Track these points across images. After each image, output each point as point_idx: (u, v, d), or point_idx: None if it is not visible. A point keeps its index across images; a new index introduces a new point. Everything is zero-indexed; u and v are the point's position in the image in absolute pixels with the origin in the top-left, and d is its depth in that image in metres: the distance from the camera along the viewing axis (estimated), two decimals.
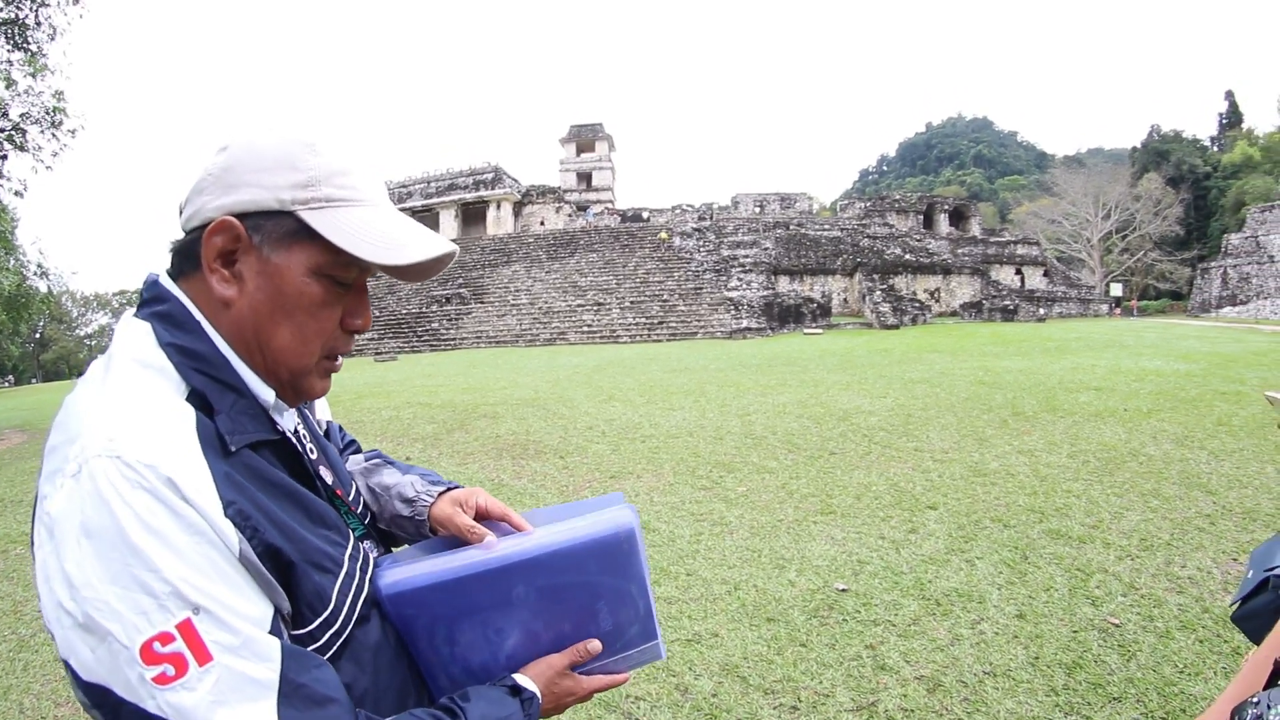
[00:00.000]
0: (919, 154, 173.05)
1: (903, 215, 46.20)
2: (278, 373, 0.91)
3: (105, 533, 0.68)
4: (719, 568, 4.49)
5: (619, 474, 6.91)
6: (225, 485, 0.77)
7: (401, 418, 11.03)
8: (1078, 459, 6.00)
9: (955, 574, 4.05)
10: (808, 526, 5.07)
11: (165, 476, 0.71)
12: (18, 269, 22.97)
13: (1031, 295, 36.95)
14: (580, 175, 57.90)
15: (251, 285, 0.86)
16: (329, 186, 0.87)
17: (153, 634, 0.67)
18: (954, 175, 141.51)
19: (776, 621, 3.70)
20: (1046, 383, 9.92)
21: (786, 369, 14.80)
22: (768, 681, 3.15)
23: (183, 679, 0.68)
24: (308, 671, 0.77)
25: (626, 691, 3.19)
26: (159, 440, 0.74)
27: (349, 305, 0.94)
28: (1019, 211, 75.88)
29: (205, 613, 0.70)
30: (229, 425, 0.83)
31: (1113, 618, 3.41)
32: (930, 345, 18.98)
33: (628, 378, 14.87)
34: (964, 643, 3.29)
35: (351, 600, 0.91)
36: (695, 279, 35.35)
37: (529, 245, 42.98)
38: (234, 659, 0.71)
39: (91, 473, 0.70)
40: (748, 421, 8.93)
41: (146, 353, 0.83)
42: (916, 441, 7.19)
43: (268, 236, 0.85)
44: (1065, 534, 4.47)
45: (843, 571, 4.24)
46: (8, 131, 13.87)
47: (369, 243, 0.87)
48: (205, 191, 0.86)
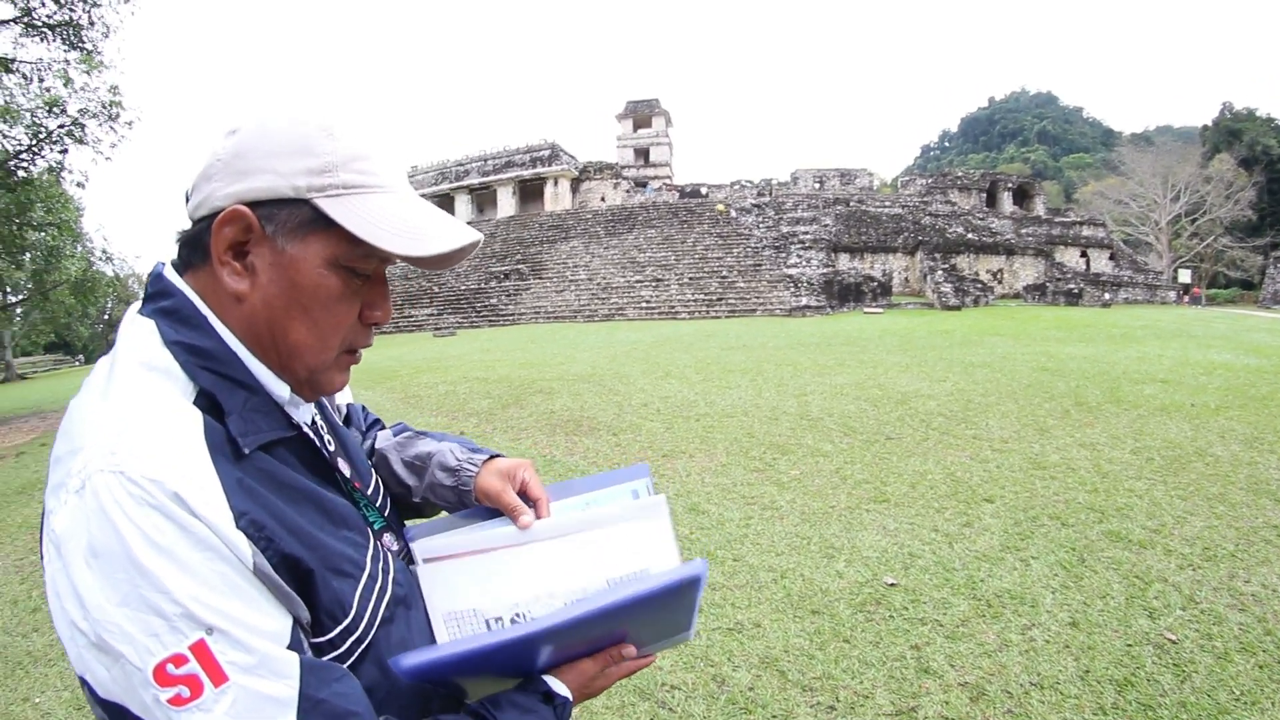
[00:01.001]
0: (981, 129, 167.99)
1: (965, 193, 44.67)
2: (294, 369, 0.86)
3: (112, 553, 0.65)
4: (766, 554, 4.42)
5: (671, 453, 6.87)
6: (236, 494, 0.73)
7: (458, 393, 11.18)
8: (1141, 456, 5.73)
9: (1009, 574, 3.89)
10: (860, 515, 4.96)
11: (171, 491, 0.67)
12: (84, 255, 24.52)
13: (1097, 279, 35.48)
14: (637, 151, 57.53)
15: (264, 278, 0.80)
16: (346, 172, 0.81)
17: (165, 656, 0.65)
18: (1017, 152, 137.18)
19: (821, 614, 3.62)
20: (1111, 372, 9.54)
21: (845, 349, 14.55)
22: (807, 678, 3.08)
23: (198, 700, 0.65)
24: (328, 686, 0.73)
25: (662, 680, 3.16)
26: (164, 452, 0.69)
27: (368, 297, 0.88)
28: (1084, 191, 72.84)
29: (219, 632, 0.67)
30: (241, 426, 0.78)
31: (1170, 633, 3.21)
32: (992, 328, 18.45)
33: (685, 354, 14.80)
34: (1012, 649, 3.15)
35: (374, 604, 0.88)
36: (754, 255, 34.92)
37: (587, 221, 42.97)
38: (251, 678, 0.68)
39: (95, 489, 0.66)
40: (804, 402, 8.80)
41: (150, 353, 0.78)
42: (975, 429, 6.98)
43: (282, 226, 0.79)
44: (1125, 537, 4.25)
45: (893, 565, 4.13)
46: (67, 127, 14.38)
47: (391, 232, 0.81)
48: (214, 178, 0.80)
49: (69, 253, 21.45)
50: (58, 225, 17.39)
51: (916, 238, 34.75)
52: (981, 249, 34.62)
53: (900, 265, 34.84)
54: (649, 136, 57.78)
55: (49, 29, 14.46)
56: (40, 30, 14.46)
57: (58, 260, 20.05)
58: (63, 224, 17.77)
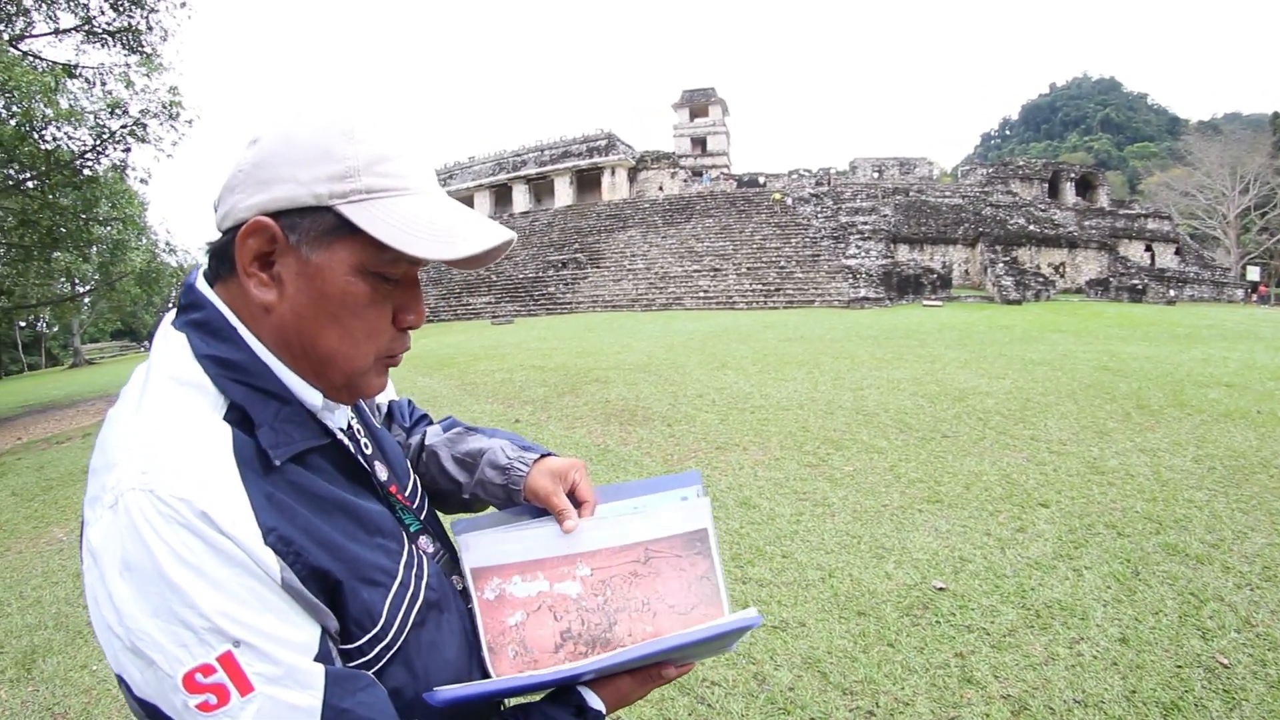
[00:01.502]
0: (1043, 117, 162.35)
1: (1026, 183, 43.30)
2: (329, 376, 0.85)
3: (143, 568, 0.67)
4: (815, 552, 4.40)
5: (725, 445, 6.87)
6: (265, 510, 0.74)
7: (514, 380, 11.31)
8: (1203, 464, 5.50)
9: (1060, 583, 3.80)
10: (912, 515, 4.90)
11: (200, 510, 0.68)
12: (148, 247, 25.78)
13: (1161, 275, 34.07)
14: (694, 140, 57.02)
15: (292, 288, 0.79)
16: (370, 176, 0.79)
17: (194, 666, 0.67)
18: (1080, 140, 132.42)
19: (867, 616, 3.59)
20: (1174, 374, 9.17)
21: (903, 342, 14.29)
22: (848, 681, 3.06)
23: (225, 708, 0.67)
24: (352, 695, 0.75)
25: (702, 676, 3.18)
26: (193, 471, 0.71)
27: (399, 301, 0.87)
28: (1149, 182, 69.37)
29: (246, 645, 0.69)
30: (272, 438, 0.79)
31: (1222, 656, 3.07)
32: (1053, 324, 17.91)
33: (742, 345, 14.72)
34: (1059, 663, 3.08)
35: (405, 611, 0.88)
36: (813, 246, 34.48)
37: (644, 210, 42.89)
38: (276, 689, 0.70)
39: (127, 507, 0.68)
40: (860, 396, 8.69)
41: (182, 368, 0.79)
42: (1033, 429, 6.80)
43: (306, 235, 0.78)
44: (1182, 550, 4.09)
45: (943, 568, 4.07)
46: (130, 127, 14.86)
47: (418, 236, 0.79)
48: (237, 189, 0.79)
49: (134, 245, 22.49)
50: (123, 220, 18.09)
51: (977, 229, 33.90)
52: (1043, 241, 33.62)
53: (960, 257, 34.02)
54: (705, 126, 57.24)
55: (109, 35, 15.21)
56: (100, 37, 15.22)
57: (123, 253, 20.91)
58: (127, 218, 18.49)
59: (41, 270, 19.08)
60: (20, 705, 3.43)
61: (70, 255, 19.29)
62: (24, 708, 3.41)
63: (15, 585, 4.98)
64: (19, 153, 12.35)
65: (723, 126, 57.06)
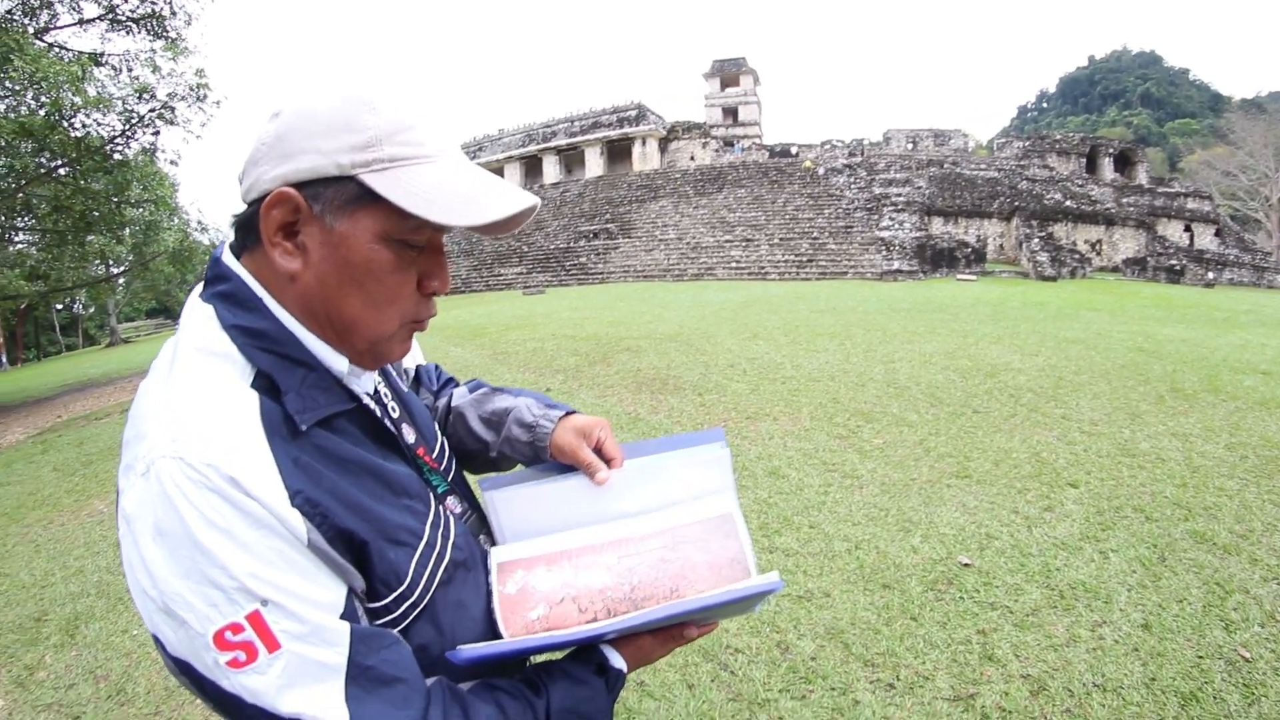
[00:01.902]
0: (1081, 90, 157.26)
1: (1063, 157, 41.84)
2: (355, 343, 0.86)
3: (175, 533, 0.69)
4: (843, 524, 4.42)
5: (755, 415, 6.88)
6: (292, 473, 0.75)
7: (545, 350, 11.34)
8: (1236, 452, 5.37)
9: (1086, 565, 3.77)
10: (940, 489, 4.89)
11: (228, 475, 0.70)
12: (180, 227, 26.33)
13: (1200, 256, 32.76)
14: (725, 110, 56.18)
15: (316, 256, 0.80)
16: (391, 145, 0.79)
17: (223, 624, 0.69)
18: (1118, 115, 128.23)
19: (891, 589, 3.62)
20: (1210, 358, 8.94)
21: (936, 316, 14.08)
22: (870, 653, 3.09)
23: (254, 664, 0.70)
24: (377, 653, 0.77)
25: (726, 643, 3.23)
26: (221, 437, 0.73)
27: (424, 267, 0.87)
28: (1190, 160, 66.92)
29: (273, 604, 0.71)
30: (298, 404, 0.80)
31: (1244, 649, 3.01)
32: (1089, 302, 17.51)
33: (773, 316, 14.61)
34: (1080, 645, 3.07)
35: (431, 571, 0.90)
36: (846, 217, 33.92)
37: (675, 181, 42.35)
38: (302, 646, 0.72)
39: (158, 474, 0.70)
40: (891, 369, 8.62)
41: (209, 339, 0.81)
42: (1065, 408, 6.70)
43: (329, 204, 0.79)
44: (1210, 539, 4.02)
45: (969, 544, 4.07)
46: (157, 110, 15.07)
47: (440, 203, 0.79)
48: (260, 162, 0.80)
49: (166, 225, 23.18)
50: (154, 201, 18.45)
51: (1012, 203, 33.09)
52: (1080, 217, 32.71)
53: (995, 231, 33.29)
54: (737, 95, 56.34)
55: (133, 22, 15.20)
56: (125, 24, 15.22)
57: (156, 233, 21.55)
58: (159, 200, 18.82)
59: (76, 254, 19.41)
60: (64, 669, 3.58)
61: (104, 238, 19.71)
62: (68, 671, 3.55)
63: (59, 556, 5.16)
64: (50, 141, 12.61)
65: (754, 96, 56.13)
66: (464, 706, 0.83)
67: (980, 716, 2.66)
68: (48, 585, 4.65)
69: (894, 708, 2.75)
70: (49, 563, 5.05)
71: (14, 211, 16.84)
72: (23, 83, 11.81)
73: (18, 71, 11.60)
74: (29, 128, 11.86)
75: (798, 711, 2.76)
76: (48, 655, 3.74)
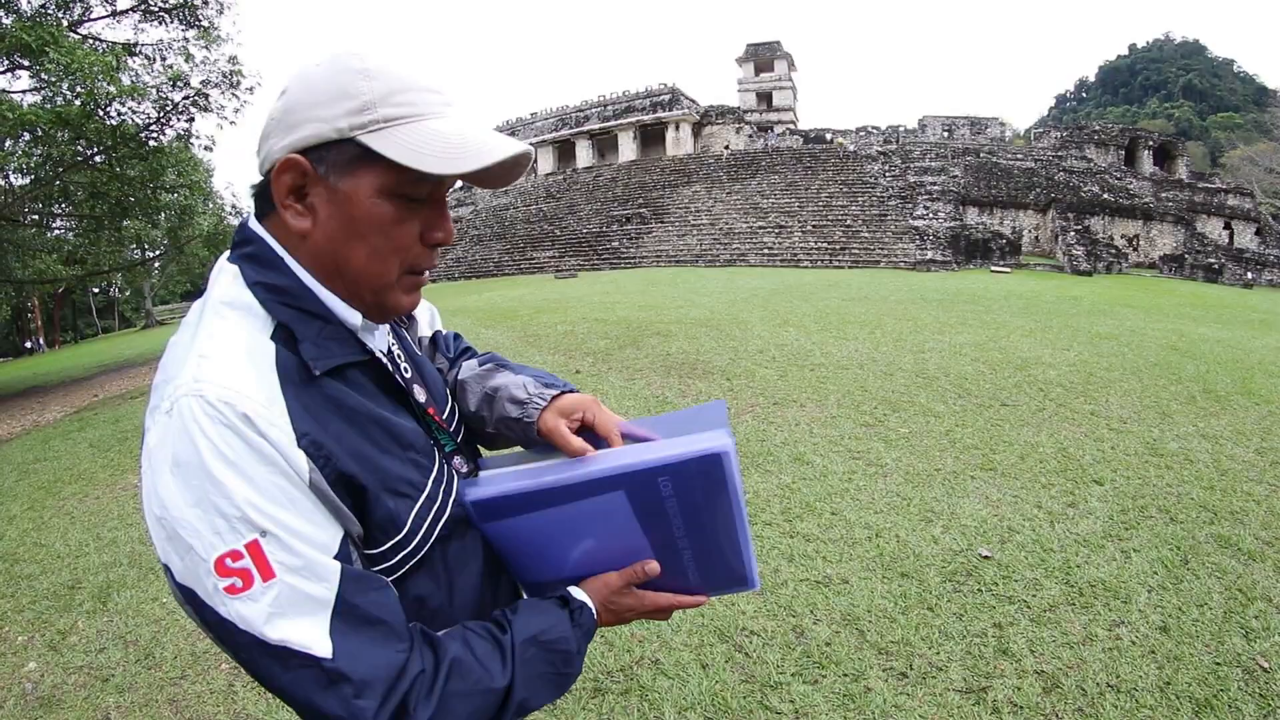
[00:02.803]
0: (1121, 80, 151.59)
1: (1102, 149, 40.49)
2: (361, 294, 0.91)
3: (189, 463, 0.74)
4: (864, 511, 4.40)
5: (782, 401, 6.85)
6: (301, 417, 0.81)
7: (576, 333, 11.36)
8: (1266, 457, 5.22)
9: (1107, 563, 3.70)
10: (964, 481, 4.84)
11: (241, 412, 0.75)
12: (215, 211, 26.70)
13: (1240, 255, 31.80)
14: (759, 95, 55.40)
15: (324, 214, 0.86)
16: (386, 107, 0.84)
17: (225, 550, 0.74)
18: (1159, 107, 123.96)
19: (910, 578, 3.59)
20: (1246, 360, 8.70)
21: (968, 307, 13.88)
22: (885, 641, 3.08)
23: (249, 591, 0.74)
24: (365, 594, 0.81)
25: (743, 625, 3.23)
26: (238, 379, 0.78)
27: (426, 219, 0.92)
28: (1232, 155, 64.35)
29: (271, 536, 0.75)
30: (314, 352, 0.86)
31: (1263, 659, 2.91)
32: (1123, 299, 17.13)
33: (805, 303, 14.50)
34: (1096, 644, 3.01)
35: (430, 523, 0.94)
36: (879, 205, 33.45)
37: (709, 166, 41.86)
38: (295, 578, 0.76)
39: (180, 410, 0.76)
40: (921, 359, 8.52)
41: (235, 293, 0.87)
42: (1094, 404, 6.58)
43: (332, 166, 0.85)
44: (1235, 544, 3.90)
45: (990, 537, 4.02)
46: (191, 98, 15.12)
47: (431, 155, 0.84)
48: (271, 136, 0.87)
49: (200, 210, 23.22)
50: (189, 186, 18.56)
51: (1049, 194, 32.43)
52: (1117, 211, 31.97)
53: (1030, 223, 32.68)
54: (771, 80, 55.50)
55: (165, 13, 15.36)
56: (157, 15, 15.39)
57: (191, 217, 21.47)
58: (194, 185, 18.98)
59: (112, 239, 19.58)
60: (96, 634, 3.70)
61: (139, 223, 19.86)
62: (99, 636, 3.67)
63: (94, 528, 5.28)
64: (86, 129, 12.69)
65: (788, 81, 55.31)
66: (434, 647, 0.86)
67: (991, 710, 2.63)
68: (82, 555, 4.78)
69: (905, 697, 2.73)
70: (84, 534, 5.18)
71: (52, 199, 17.12)
72: (58, 74, 11.95)
73: (53, 64, 11.77)
74: (65, 117, 11.98)
75: (809, 696, 2.76)
76: (80, 621, 3.86)
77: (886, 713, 2.65)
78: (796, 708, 2.70)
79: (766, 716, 2.66)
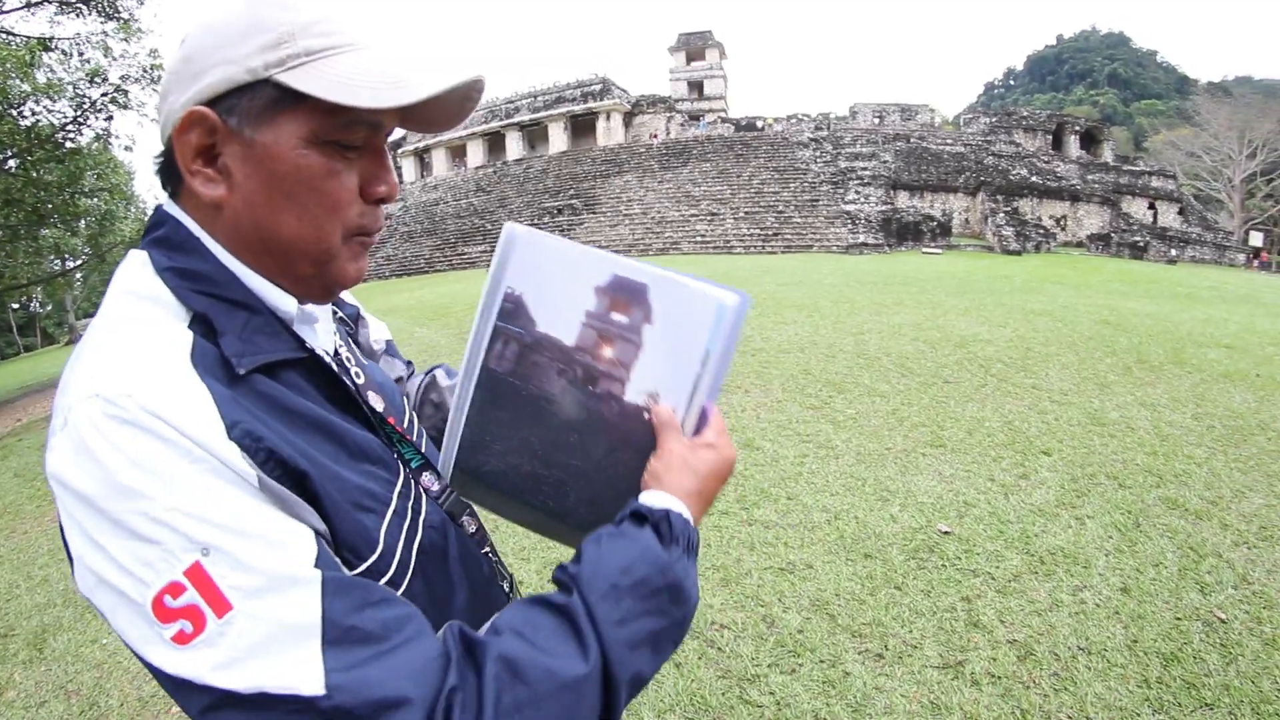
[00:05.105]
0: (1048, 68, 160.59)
1: (1030, 134, 42.31)
2: (297, 268, 0.76)
3: (96, 480, 0.58)
4: (821, 494, 4.46)
5: (726, 387, 6.86)
6: (230, 408, 0.63)
7: None
8: (1203, 422, 5.53)
9: (1063, 531, 3.85)
10: (915, 459, 4.96)
11: (146, 406, 0.59)
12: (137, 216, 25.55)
13: (1164, 234, 33.70)
14: (691, 84, 55.76)
15: (240, 176, 0.71)
16: (307, 38, 0.70)
17: (161, 586, 0.56)
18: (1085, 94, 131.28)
19: (873, 559, 3.65)
20: (1175, 332, 9.16)
21: (903, 288, 14.23)
22: (856, 623, 3.12)
23: (202, 635, 0.56)
24: (360, 610, 0.61)
25: (711, 619, 3.22)
26: (143, 370, 0.62)
27: (365, 171, 0.77)
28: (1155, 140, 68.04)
29: (217, 551, 0.57)
30: (237, 347, 0.69)
31: (1220, 611, 3.10)
32: (1053, 276, 17.88)
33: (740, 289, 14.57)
34: (1063, 610, 3.13)
35: (404, 543, 0.78)
36: (811, 191, 34.12)
37: (640, 155, 42.01)
38: (258, 603, 0.57)
39: (75, 421, 0.60)
40: (861, 340, 8.68)
41: (140, 283, 0.71)
42: (1034, 378, 6.84)
43: (245, 115, 0.70)
44: (1182, 505, 4.13)
45: (947, 512, 4.13)
46: (110, 94, 14.70)
47: (366, 87, 0.71)
48: (170, 92, 0.72)
49: (122, 215, 22.57)
50: (110, 190, 18.05)
51: (978, 178, 33.58)
52: (1045, 193, 33.33)
53: (961, 206, 33.75)
54: (702, 69, 55.87)
55: (83, 4, 14.76)
56: (75, 6, 14.76)
57: (112, 223, 20.98)
58: (114, 188, 18.44)
59: (30, 249, 18.78)
60: (34, 686, 3.39)
61: (58, 230, 19.19)
62: (38, 689, 3.37)
63: (23, 566, 4.92)
64: None
65: (720, 70, 55.81)
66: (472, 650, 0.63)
67: (971, 683, 2.70)
68: (12, 598, 4.42)
69: (885, 678, 2.77)
70: (13, 574, 4.80)
71: None
72: None
73: None
74: None
75: (788, 686, 2.76)
76: (16, 673, 3.54)
77: (868, 695, 2.68)
78: (777, 699, 2.70)
79: (748, 711, 2.66)
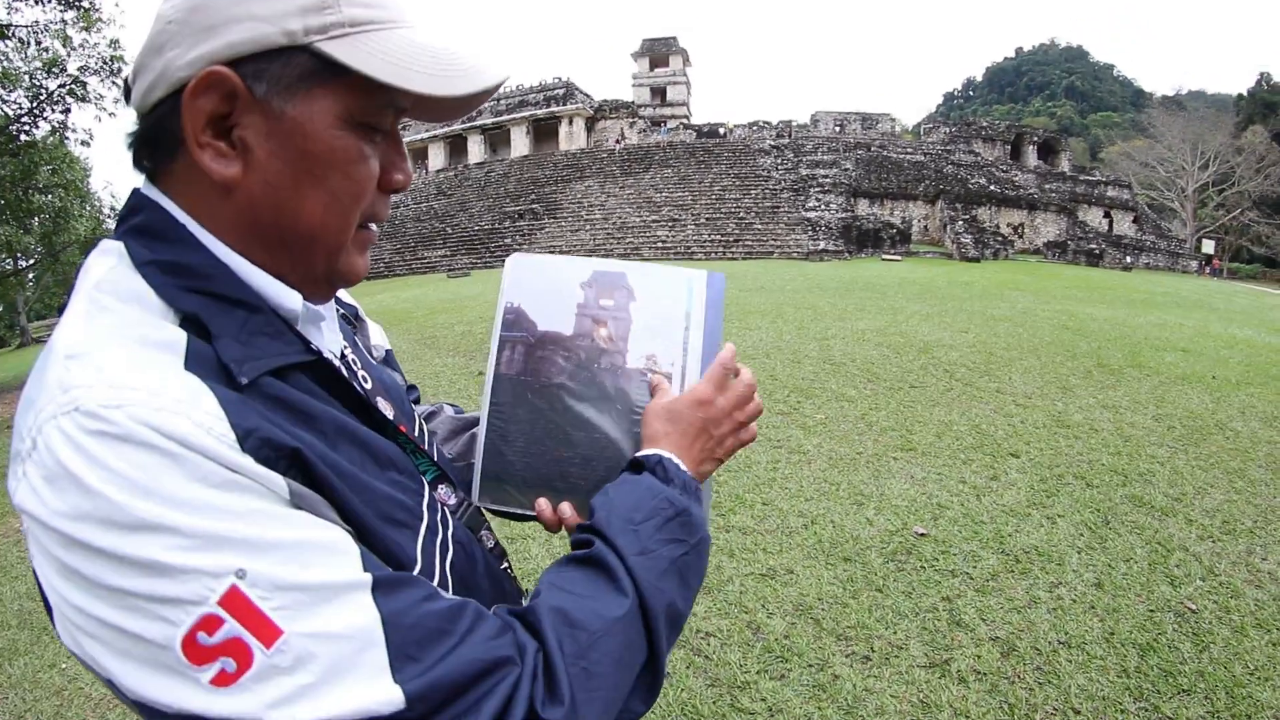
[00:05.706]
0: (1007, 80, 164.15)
1: (989, 144, 43.69)
2: (312, 260, 0.68)
3: (85, 511, 0.48)
4: (796, 499, 4.51)
5: None
6: (240, 412, 0.55)
7: (474, 333, 11.18)
8: (1163, 423, 5.75)
9: (1036, 530, 3.98)
10: (887, 462, 5.05)
11: (140, 417, 0.50)
12: (93, 215, 24.77)
13: (1119, 241, 35.07)
14: (654, 90, 56.35)
15: (262, 153, 0.62)
16: (352, 7, 0.62)
17: (192, 623, 0.48)
18: (1043, 106, 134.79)
19: (853, 562, 3.71)
20: (1132, 336, 9.49)
21: (865, 294, 14.46)
22: (841, 626, 3.16)
23: (251, 671, 0.48)
24: (416, 605, 0.56)
25: (697, 627, 3.23)
26: (131, 371, 0.53)
27: (386, 158, 0.71)
28: (1110, 151, 69.84)
29: (252, 572, 0.49)
30: (237, 352, 0.60)
31: (1190, 602, 3.25)
32: (1013, 282, 18.28)
33: None
34: (1041, 606, 3.24)
35: (440, 562, 0.71)
36: (772, 198, 34.52)
37: (602, 161, 42.26)
38: (311, 622, 0.50)
39: (49, 444, 0.50)
40: (826, 346, 8.80)
41: (119, 278, 0.61)
42: (999, 382, 7.01)
43: (277, 84, 0.61)
44: (1148, 502, 4.30)
45: (922, 514, 4.22)
46: (68, 86, 14.31)
47: (421, 72, 0.65)
48: (168, 46, 0.60)
49: (77, 213, 21.55)
50: (64, 186, 17.53)
51: (938, 186, 34.25)
52: (1004, 201, 34.18)
53: (920, 213, 34.41)
54: (666, 75, 56.50)
55: None
56: None
57: (66, 221, 20.09)
58: (69, 184, 17.94)
59: None
60: None
61: (10, 228, 18.41)
62: None
63: None
64: None
65: (683, 76, 56.40)
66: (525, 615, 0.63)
67: (958, 681, 2.77)
68: None
69: (873, 679, 2.82)
70: None
71: None
72: None
73: None
74: None
75: (779, 692, 2.79)
76: None
77: (859, 698, 2.72)
78: (769, 705, 2.73)
79: (741, 719, 2.68)
